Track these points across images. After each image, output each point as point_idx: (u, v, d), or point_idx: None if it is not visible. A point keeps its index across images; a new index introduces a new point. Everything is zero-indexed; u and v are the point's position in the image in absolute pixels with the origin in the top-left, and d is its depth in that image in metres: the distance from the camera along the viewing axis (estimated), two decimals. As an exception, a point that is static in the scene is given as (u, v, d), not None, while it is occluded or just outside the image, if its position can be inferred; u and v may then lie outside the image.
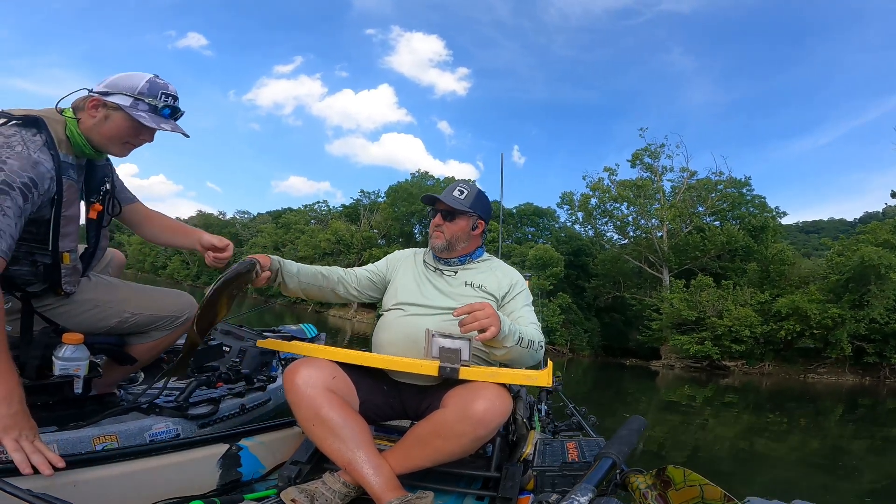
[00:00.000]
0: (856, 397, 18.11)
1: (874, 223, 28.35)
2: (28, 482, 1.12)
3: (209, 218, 69.05)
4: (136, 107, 1.53)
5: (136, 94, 1.53)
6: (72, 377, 1.55)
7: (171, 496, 1.41)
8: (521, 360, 1.74)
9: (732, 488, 1.07)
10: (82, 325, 1.63)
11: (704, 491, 1.10)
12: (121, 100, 1.52)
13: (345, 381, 1.68)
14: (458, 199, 1.98)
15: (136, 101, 1.53)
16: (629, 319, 32.61)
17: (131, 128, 1.57)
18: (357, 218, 46.55)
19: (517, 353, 1.68)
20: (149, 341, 1.83)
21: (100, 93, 1.54)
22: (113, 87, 1.54)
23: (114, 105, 1.53)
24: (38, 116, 1.48)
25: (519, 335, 1.66)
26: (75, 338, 1.56)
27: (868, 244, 23.60)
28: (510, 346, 1.63)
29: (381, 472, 1.49)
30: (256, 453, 1.73)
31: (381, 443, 1.81)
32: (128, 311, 1.73)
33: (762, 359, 25.45)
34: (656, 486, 1.25)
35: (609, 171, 33.49)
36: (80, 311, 1.65)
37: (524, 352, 1.69)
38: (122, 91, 1.53)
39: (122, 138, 1.59)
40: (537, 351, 1.74)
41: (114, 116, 1.54)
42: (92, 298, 1.68)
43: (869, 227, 27.75)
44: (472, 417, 1.49)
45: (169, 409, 1.73)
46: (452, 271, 2.00)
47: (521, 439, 1.95)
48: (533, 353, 1.73)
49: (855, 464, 7.72)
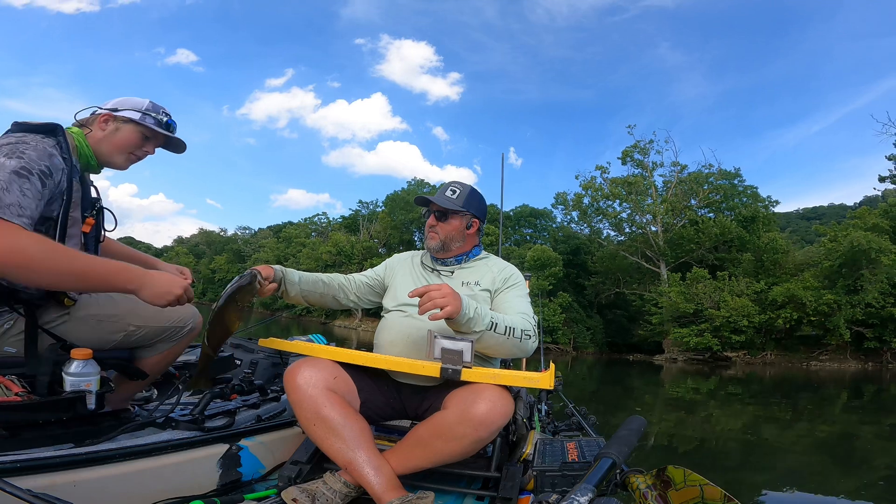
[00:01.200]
0: (859, 383, 18.04)
1: (863, 208, 28.40)
2: (28, 482, 1.11)
3: (211, 235, 69.20)
4: (145, 119, 1.74)
5: (143, 110, 1.75)
6: (83, 393, 1.53)
7: (171, 496, 1.40)
8: (502, 349, 1.69)
9: (742, 480, 1.07)
10: (89, 341, 1.62)
11: (704, 491, 1.10)
12: (130, 114, 1.73)
13: (346, 381, 1.68)
14: (451, 199, 1.98)
15: (143, 115, 1.74)
16: (632, 315, 32.48)
17: (139, 138, 1.76)
18: (357, 228, 46.67)
19: (494, 341, 1.63)
20: (156, 354, 1.82)
21: (110, 109, 1.73)
22: (120, 105, 1.74)
23: (124, 118, 1.72)
24: (56, 124, 1.62)
25: (492, 321, 1.61)
26: (84, 353, 1.54)
27: (858, 229, 23.62)
28: (480, 332, 1.58)
29: (381, 472, 1.48)
30: (257, 453, 1.71)
31: (381, 443, 1.80)
32: (132, 325, 1.72)
33: (763, 348, 25.39)
34: (656, 486, 1.24)
35: (601, 170, 33.69)
36: (84, 327, 1.65)
37: (502, 339, 1.63)
38: (128, 107, 1.74)
39: (128, 148, 1.75)
40: (522, 340, 1.68)
41: (123, 128, 1.73)
42: (95, 314, 1.68)
43: (858, 211, 27.83)
44: (474, 419, 1.48)
45: (185, 423, 1.70)
46: (449, 271, 2.00)
47: (521, 439, 1.93)
48: (516, 342, 1.67)
49: (863, 451, 7.68)
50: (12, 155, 1.41)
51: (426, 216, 2.03)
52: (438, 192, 2.03)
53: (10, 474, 1.13)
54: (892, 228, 24.58)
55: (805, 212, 79.36)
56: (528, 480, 1.68)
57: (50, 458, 1.26)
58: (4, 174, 1.37)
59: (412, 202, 38.27)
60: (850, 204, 38.75)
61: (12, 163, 1.39)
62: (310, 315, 39.83)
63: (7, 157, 1.40)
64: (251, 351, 2.71)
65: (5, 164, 1.38)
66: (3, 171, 1.37)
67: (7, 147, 1.44)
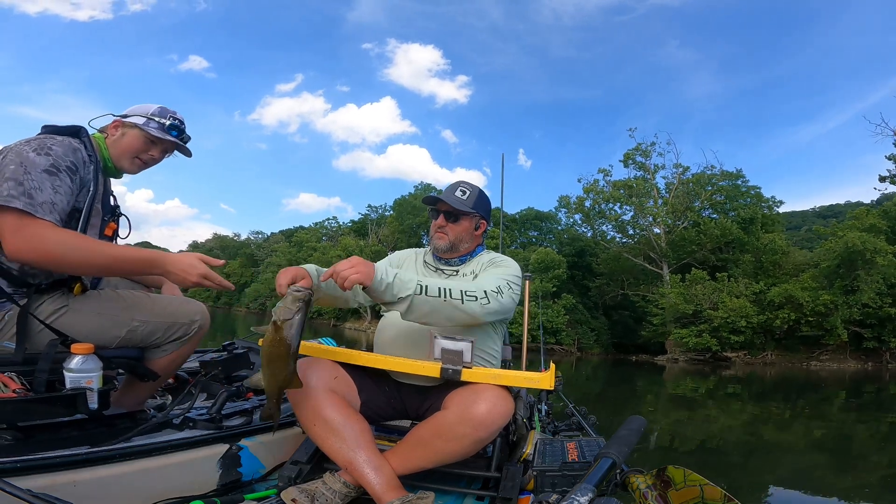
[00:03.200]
0: (859, 383, 17.81)
1: (861, 209, 28.07)
2: (28, 482, 1.10)
3: (225, 240, 69.54)
4: (148, 125, 1.77)
5: (148, 115, 1.78)
6: (84, 390, 1.48)
7: (171, 496, 1.38)
8: (439, 315, 1.54)
9: (743, 480, 1.04)
10: (91, 336, 1.59)
11: (704, 491, 1.08)
12: (136, 119, 1.77)
13: (346, 381, 1.65)
14: (462, 200, 1.91)
15: (148, 120, 1.77)
16: (639, 316, 32.04)
17: (143, 143, 1.78)
18: (366, 233, 46.70)
19: (428, 306, 1.50)
20: (166, 355, 1.79)
21: (121, 115, 1.79)
22: (131, 111, 1.80)
23: (130, 124, 1.77)
24: (80, 126, 1.69)
25: (420, 284, 1.48)
26: (84, 348, 1.50)
27: (855, 230, 23.41)
28: (407, 296, 1.46)
29: (381, 472, 1.46)
30: (257, 453, 1.69)
31: (381, 443, 1.77)
32: (136, 320, 1.69)
33: (764, 348, 25.15)
34: (656, 486, 1.23)
35: (604, 172, 33.35)
36: (84, 320, 1.62)
37: (437, 302, 1.50)
38: (137, 113, 1.78)
39: (134, 152, 1.78)
40: (465, 302, 1.54)
41: (129, 133, 1.76)
42: (96, 307, 1.65)
43: (857, 212, 27.51)
44: (474, 419, 1.46)
45: (203, 423, 1.68)
46: (453, 270, 1.95)
47: (521, 439, 1.91)
48: (456, 304, 1.52)
49: (863, 451, 7.58)
50: (41, 151, 1.49)
51: (434, 216, 1.95)
52: (447, 192, 1.95)
53: (11, 474, 1.12)
54: (889, 229, 24.36)
55: (822, 210, 77.71)
56: (528, 480, 1.65)
57: (50, 458, 1.24)
58: (37, 173, 1.44)
59: (419, 206, 38.33)
60: (867, 201, 37.89)
61: (42, 161, 1.47)
62: (321, 317, 39.86)
63: (36, 154, 1.48)
64: None
65: (37, 163, 1.46)
66: (36, 170, 1.45)
67: (35, 142, 1.51)
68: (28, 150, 1.48)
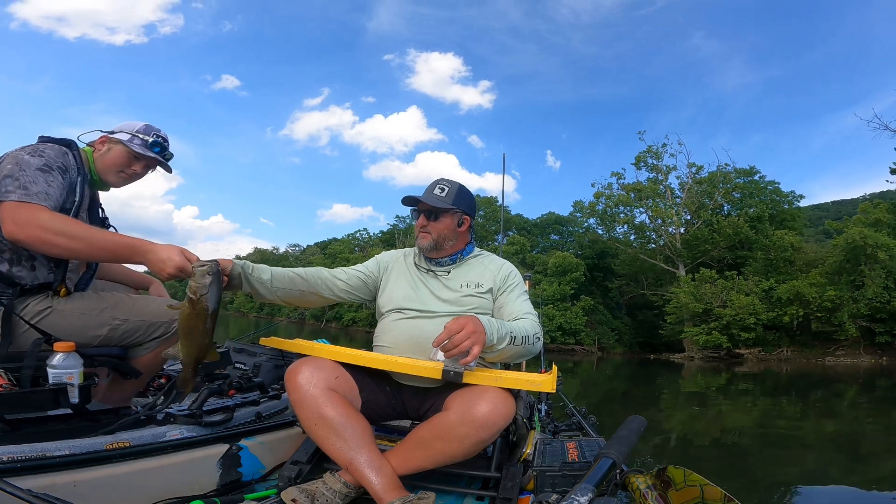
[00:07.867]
0: (873, 378, 17.02)
1: (864, 204, 26.73)
2: (28, 482, 1.07)
3: (265, 254, 70.52)
4: (132, 141, 1.78)
5: (133, 132, 1.79)
6: (65, 385, 1.48)
7: (171, 496, 1.34)
8: (515, 356, 1.61)
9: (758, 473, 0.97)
10: (74, 335, 1.60)
11: (705, 491, 1.04)
12: (122, 136, 1.78)
13: (347, 380, 1.59)
14: (440, 198, 1.83)
15: (133, 137, 1.79)
16: (662, 315, 30.81)
17: (127, 158, 1.79)
18: (394, 243, 46.93)
19: (512, 352, 1.56)
20: (149, 352, 1.78)
21: (109, 132, 1.80)
22: (119, 128, 1.81)
23: (116, 140, 1.78)
24: (71, 139, 1.73)
25: (510, 335, 1.52)
26: (66, 346, 1.51)
27: (860, 224, 22.52)
28: (502, 348, 1.50)
29: (382, 472, 1.39)
30: (257, 453, 1.64)
31: (382, 443, 1.70)
32: (117, 318, 1.69)
33: (778, 344, 24.33)
34: (656, 486, 1.19)
35: (617, 175, 32.57)
36: (68, 320, 1.62)
37: (519, 349, 1.56)
38: (124, 130, 1.79)
39: (118, 167, 1.79)
40: (534, 344, 1.61)
41: (114, 149, 1.78)
42: (79, 307, 1.66)
43: (863, 206, 26.25)
44: (475, 421, 1.40)
45: (183, 418, 1.65)
46: (445, 271, 1.85)
47: (521, 439, 1.83)
48: (529, 348, 1.60)
49: (875, 446, 7.21)
50: (34, 153, 1.56)
51: (415, 216, 1.88)
52: (426, 191, 1.88)
53: (10, 474, 1.09)
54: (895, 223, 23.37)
55: (840, 203, 71.50)
56: (528, 480, 1.58)
57: (50, 458, 1.21)
58: (31, 171, 1.51)
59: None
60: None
61: (36, 161, 1.54)
62: (355, 325, 39.99)
63: (30, 156, 1.55)
64: (253, 354, 2.62)
65: (30, 162, 1.53)
66: (30, 169, 1.51)
67: (30, 147, 1.59)
68: (23, 153, 1.55)
